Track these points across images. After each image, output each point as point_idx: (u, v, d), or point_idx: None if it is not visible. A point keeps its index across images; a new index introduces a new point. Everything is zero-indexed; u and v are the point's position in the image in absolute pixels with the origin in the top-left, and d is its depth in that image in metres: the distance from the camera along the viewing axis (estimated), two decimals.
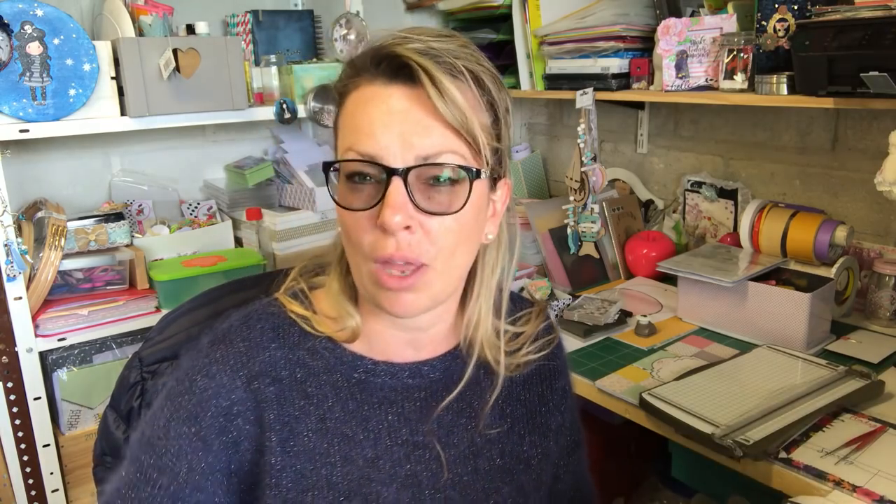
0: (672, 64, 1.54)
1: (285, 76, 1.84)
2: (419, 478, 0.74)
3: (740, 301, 1.43)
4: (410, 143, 0.64)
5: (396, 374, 0.76)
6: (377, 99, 0.66)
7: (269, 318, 0.75)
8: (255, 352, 0.72)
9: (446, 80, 0.65)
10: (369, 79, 0.67)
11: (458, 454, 0.76)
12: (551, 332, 0.85)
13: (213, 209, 1.99)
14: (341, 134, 0.69)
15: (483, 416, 0.78)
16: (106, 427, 0.92)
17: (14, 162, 1.71)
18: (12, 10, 1.41)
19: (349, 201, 0.67)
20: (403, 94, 0.65)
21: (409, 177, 0.64)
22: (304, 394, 0.72)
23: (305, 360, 0.73)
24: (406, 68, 0.65)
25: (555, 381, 0.85)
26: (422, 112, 0.65)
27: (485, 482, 0.77)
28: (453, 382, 0.77)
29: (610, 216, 1.86)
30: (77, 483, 1.64)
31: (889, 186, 1.20)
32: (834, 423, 1.10)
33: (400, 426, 0.75)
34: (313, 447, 0.71)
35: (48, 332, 1.55)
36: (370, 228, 0.66)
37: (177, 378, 0.72)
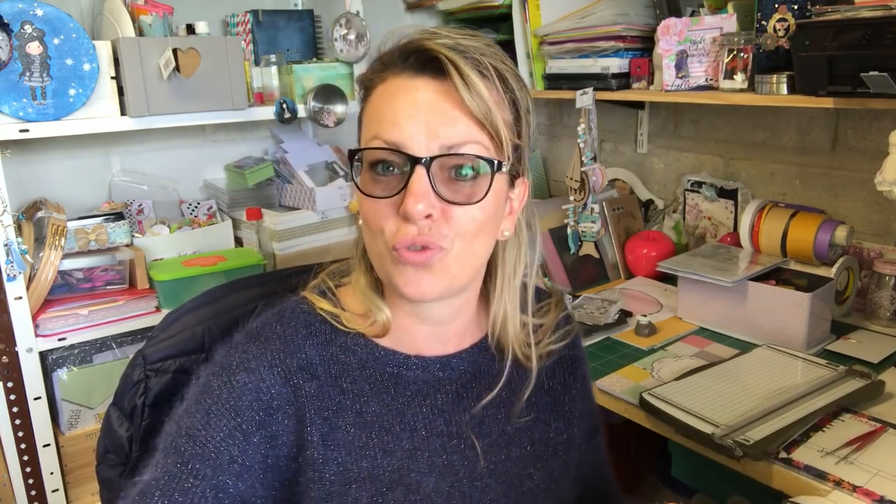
0: (672, 64, 1.54)
1: (285, 76, 1.84)
2: (456, 467, 0.76)
3: (740, 301, 1.43)
4: (436, 132, 0.66)
5: (427, 368, 0.77)
6: (404, 90, 0.68)
7: (302, 315, 0.76)
8: (291, 348, 0.73)
9: (473, 74, 0.66)
10: (396, 72, 0.69)
11: (492, 443, 0.79)
12: (570, 322, 0.88)
13: (213, 209, 1.99)
14: (366, 125, 0.71)
15: (517, 409, 0.80)
16: (109, 425, 0.92)
17: (14, 162, 1.71)
18: (12, 10, 1.41)
19: (372, 189, 0.68)
20: (430, 87, 0.67)
21: (432, 166, 0.66)
22: (340, 389, 0.74)
23: (339, 356, 0.75)
24: (434, 62, 0.67)
25: (576, 370, 0.88)
26: (448, 103, 0.67)
27: (518, 468, 0.79)
28: (482, 374, 0.79)
29: (610, 216, 1.86)
30: (77, 483, 1.64)
31: (889, 186, 1.20)
32: (834, 423, 1.10)
33: (435, 417, 0.76)
34: (353, 441, 0.73)
35: (48, 331, 1.55)
36: (391, 216, 0.68)
37: (212, 372, 0.72)
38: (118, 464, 0.92)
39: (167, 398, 0.91)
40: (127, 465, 0.92)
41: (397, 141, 0.66)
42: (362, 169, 0.70)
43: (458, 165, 0.67)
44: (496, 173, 0.69)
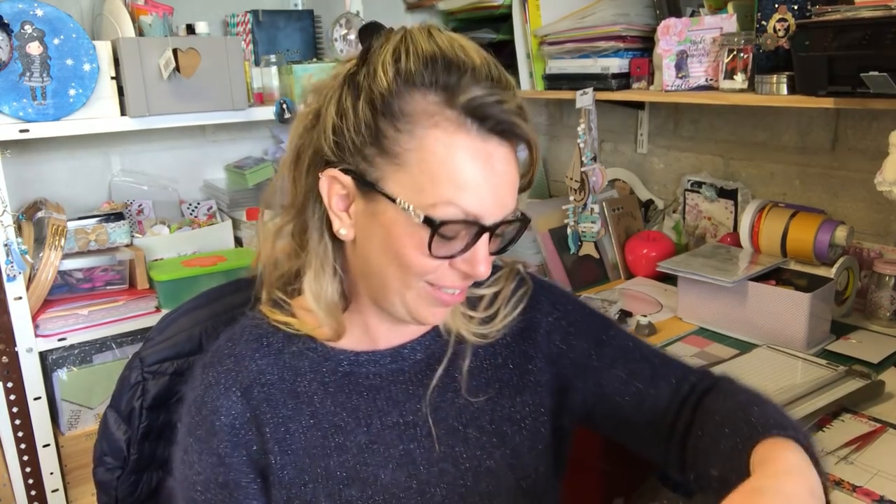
0: (672, 64, 1.54)
1: (285, 76, 1.84)
2: (413, 455, 0.78)
3: (740, 301, 1.43)
4: (505, 203, 0.70)
5: (379, 361, 0.80)
6: (479, 157, 0.67)
7: (253, 330, 0.79)
8: (242, 365, 0.77)
9: (531, 138, 0.70)
10: (460, 124, 0.66)
11: (448, 427, 0.80)
12: (524, 286, 0.86)
13: (213, 209, 1.99)
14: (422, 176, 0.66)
15: (462, 384, 0.81)
16: (106, 428, 0.92)
17: (14, 162, 1.71)
18: (12, 10, 1.41)
19: (438, 250, 0.68)
20: (502, 154, 0.68)
21: (494, 232, 0.70)
22: (294, 394, 0.77)
23: (291, 362, 0.78)
24: (506, 129, 0.68)
25: (536, 333, 0.85)
26: (514, 174, 0.70)
27: (476, 449, 0.80)
28: (436, 361, 0.81)
29: (610, 216, 1.86)
30: (77, 483, 1.64)
31: (889, 186, 1.20)
32: (834, 423, 1.10)
33: (389, 409, 0.78)
34: (309, 442, 0.76)
35: (48, 332, 1.55)
36: (441, 265, 0.70)
37: (186, 411, 0.77)
38: (116, 467, 0.91)
39: (165, 400, 0.91)
40: (125, 468, 0.92)
41: (477, 214, 0.67)
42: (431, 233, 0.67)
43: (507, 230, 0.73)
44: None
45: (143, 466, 0.93)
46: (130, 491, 0.93)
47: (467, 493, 0.78)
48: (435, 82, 0.66)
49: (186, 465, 0.76)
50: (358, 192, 0.70)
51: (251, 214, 1.88)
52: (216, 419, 0.75)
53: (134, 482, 0.93)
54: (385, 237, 0.70)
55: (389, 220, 0.69)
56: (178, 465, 0.77)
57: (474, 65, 0.67)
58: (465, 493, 0.78)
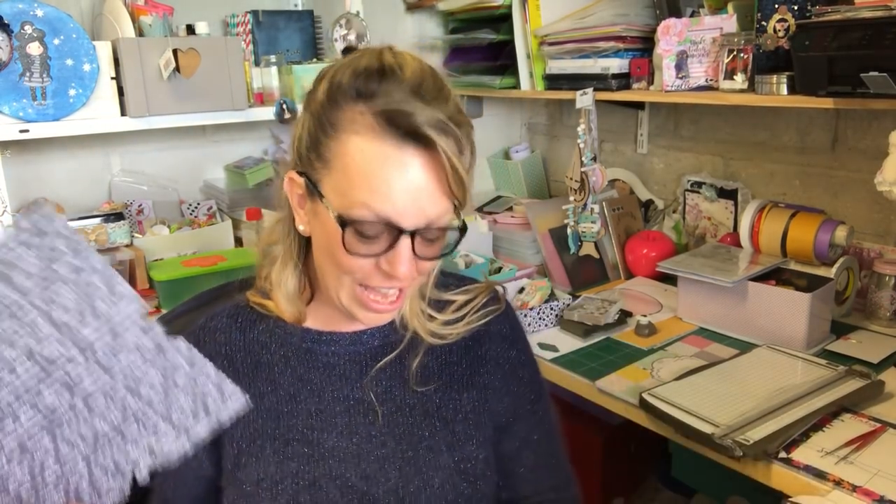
0: (672, 64, 1.54)
1: (285, 76, 1.84)
2: (356, 427, 0.85)
3: (740, 301, 1.43)
4: (424, 211, 0.73)
5: (339, 342, 0.87)
6: (393, 163, 0.72)
7: (233, 309, 0.89)
8: (210, 337, 0.86)
9: (455, 157, 0.72)
10: (378, 132, 0.72)
11: (395, 407, 0.86)
12: (496, 303, 0.93)
13: (213, 209, 1.99)
14: (344, 179, 0.74)
15: (412, 374, 0.87)
16: None
17: (14, 162, 1.71)
18: (12, 10, 1.41)
19: (357, 249, 0.74)
20: (418, 163, 0.72)
21: (416, 237, 0.74)
22: (256, 364, 0.86)
23: (259, 337, 0.87)
24: (420, 137, 0.71)
25: (489, 347, 0.91)
26: (435, 184, 0.73)
27: (418, 429, 0.86)
28: (391, 349, 0.88)
29: (610, 216, 1.86)
30: None
31: (889, 186, 1.20)
32: (834, 423, 1.10)
33: (341, 385, 0.86)
34: (264, 407, 0.84)
35: None
36: (366, 265, 0.76)
37: None
38: None
39: None
40: None
41: (390, 217, 0.72)
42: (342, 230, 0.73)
43: (435, 237, 0.76)
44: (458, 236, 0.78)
45: None
46: None
47: (404, 465, 0.84)
48: (360, 91, 0.73)
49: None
50: (307, 192, 0.79)
51: (251, 214, 1.88)
52: None
53: None
54: (323, 234, 0.78)
55: (324, 219, 0.76)
56: None
57: (403, 76, 0.73)
58: (401, 465, 0.83)
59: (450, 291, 0.92)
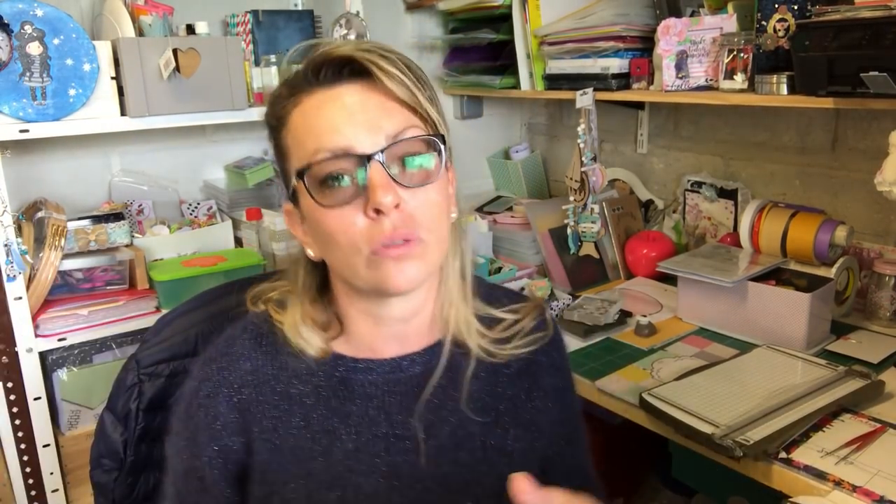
0: (672, 64, 1.54)
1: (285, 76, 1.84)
2: (398, 469, 0.77)
3: (740, 301, 1.43)
4: (378, 125, 0.68)
5: (376, 370, 0.78)
6: (328, 101, 0.70)
7: (254, 329, 0.80)
8: (235, 364, 0.77)
9: (387, 65, 0.69)
10: (308, 91, 0.71)
11: (439, 446, 0.78)
12: (544, 329, 0.86)
13: (213, 209, 1.99)
14: (298, 147, 0.71)
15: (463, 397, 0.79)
16: (103, 429, 0.92)
17: (14, 162, 1.71)
18: (12, 10, 1.41)
19: (330, 198, 0.69)
20: (353, 90, 0.70)
21: (385, 159, 0.68)
22: (287, 395, 0.77)
23: (288, 363, 0.77)
24: (346, 68, 0.69)
25: (543, 378, 0.85)
26: (378, 98, 0.69)
27: (466, 474, 0.79)
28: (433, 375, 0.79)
29: (610, 216, 1.86)
30: (77, 483, 1.64)
31: (889, 186, 1.20)
32: (834, 423, 1.10)
33: (380, 420, 0.77)
34: (296, 443, 0.76)
35: (48, 332, 1.55)
36: (357, 221, 0.69)
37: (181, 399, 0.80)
38: (112, 468, 0.92)
39: (161, 402, 0.91)
40: (122, 469, 0.92)
41: (344, 145, 0.68)
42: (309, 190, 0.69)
43: (407, 152, 0.70)
44: (441, 151, 0.72)
45: (139, 468, 0.93)
46: (127, 493, 0.93)
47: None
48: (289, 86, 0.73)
49: (174, 450, 0.79)
50: (296, 209, 0.75)
51: (251, 214, 1.88)
52: (202, 416, 0.76)
53: (131, 484, 0.93)
54: (314, 226, 0.72)
55: (305, 208, 0.72)
56: (168, 446, 0.80)
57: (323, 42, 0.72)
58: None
59: (499, 309, 0.84)
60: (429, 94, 0.73)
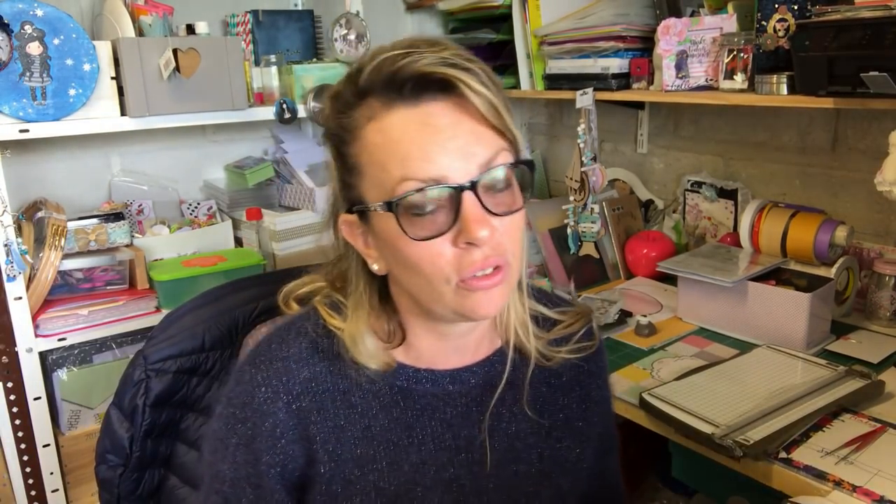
0: (672, 64, 1.54)
1: (285, 76, 1.84)
2: (462, 482, 0.76)
3: (740, 301, 1.43)
4: (471, 152, 0.64)
5: (437, 381, 0.77)
6: (414, 122, 0.64)
7: (307, 332, 0.75)
8: (294, 370, 0.73)
9: (477, 84, 0.64)
10: (386, 104, 0.65)
11: (499, 458, 0.78)
12: (592, 338, 0.85)
13: (213, 209, 1.99)
14: (375, 170, 0.66)
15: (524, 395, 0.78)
16: (109, 425, 0.92)
17: (14, 162, 1.71)
18: (12, 10, 1.41)
19: (419, 230, 0.65)
20: (442, 109, 0.64)
21: (478, 189, 0.64)
22: (348, 404, 0.74)
23: (348, 371, 0.74)
24: (433, 84, 0.64)
25: (592, 389, 0.86)
26: (469, 122, 0.65)
27: (525, 485, 0.79)
28: (494, 387, 0.78)
29: (610, 216, 1.86)
30: (77, 483, 1.64)
31: (889, 186, 1.20)
32: (834, 423, 1.10)
33: (443, 431, 0.76)
34: (360, 454, 0.74)
35: (48, 332, 1.55)
36: (446, 249, 0.66)
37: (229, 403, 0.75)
38: (118, 464, 0.92)
39: (168, 398, 0.91)
40: (127, 465, 0.92)
41: (436, 176, 0.63)
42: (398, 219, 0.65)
43: (497, 180, 0.66)
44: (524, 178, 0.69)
45: (145, 464, 0.93)
46: (132, 489, 0.93)
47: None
48: (356, 89, 0.67)
49: (220, 456, 0.74)
50: (361, 223, 0.70)
51: (251, 214, 1.88)
52: (261, 423, 0.72)
53: (136, 480, 0.93)
54: (392, 250, 0.68)
55: (383, 231, 0.67)
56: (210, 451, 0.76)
57: (389, 48, 0.66)
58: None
59: (550, 309, 0.83)
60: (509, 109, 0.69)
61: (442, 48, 0.66)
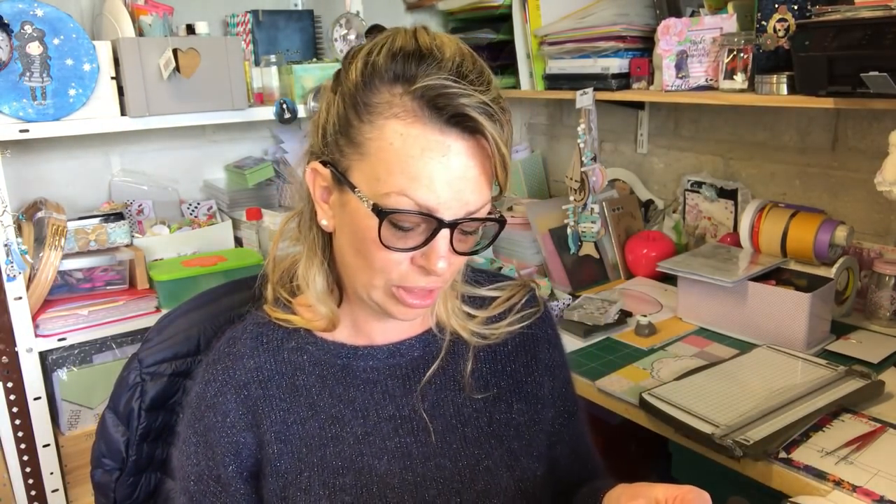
0: (672, 64, 1.54)
1: (285, 76, 1.84)
2: (409, 449, 0.79)
3: (740, 301, 1.43)
4: (466, 200, 0.68)
5: (376, 356, 0.81)
6: (436, 149, 0.66)
7: (255, 328, 0.81)
8: (239, 363, 0.79)
9: (500, 141, 0.67)
10: (419, 115, 0.66)
11: (446, 424, 0.81)
12: (534, 305, 0.88)
13: (213, 209, 1.99)
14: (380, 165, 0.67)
15: (467, 382, 0.82)
16: (104, 429, 0.91)
17: (14, 162, 1.71)
18: (12, 10, 1.41)
19: (392, 241, 0.68)
20: (461, 148, 0.67)
21: (455, 229, 0.69)
22: (292, 387, 0.79)
23: (290, 357, 0.80)
24: (467, 122, 0.66)
25: (539, 352, 0.88)
26: (478, 170, 0.68)
27: (474, 448, 0.81)
28: (433, 358, 0.82)
29: (610, 216, 1.86)
30: (77, 483, 1.64)
31: (889, 186, 1.20)
32: (834, 423, 1.10)
33: (386, 403, 0.80)
34: (306, 433, 0.78)
35: (48, 332, 1.55)
36: (402, 262, 0.70)
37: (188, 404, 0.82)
38: (114, 468, 0.91)
39: (163, 402, 0.91)
40: (123, 469, 0.91)
41: (431, 207, 0.67)
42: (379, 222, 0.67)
43: (473, 228, 0.71)
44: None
45: (141, 468, 0.92)
46: (129, 493, 0.93)
47: (463, 490, 0.78)
48: (398, 74, 0.67)
49: (184, 456, 0.80)
50: (334, 183, 0.73)
51: (251, 214, 1.88)
52: (212, 415, 0.78)
53: (132, 484, 0.92)
54: (352, 228, 0.71)
55: (354, 211, 0.70)
56: (177, 454, 0.81)
57: (443, 56, 0.67)
58: (460, 489, 0.78)
59: (484, 287, 0.86)
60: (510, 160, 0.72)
61: (484, 89, 0.67)
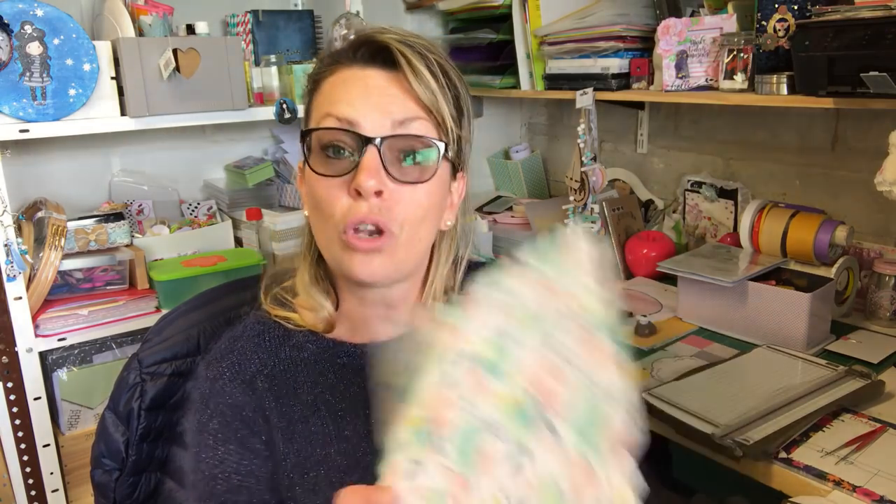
0: (672, 64, 1.53)
1: (285, 76, 1.84)
2: None
3: (740, 301, 1.43)
4: (388, 110, 0.71)
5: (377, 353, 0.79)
6: (355, 78, 0.73)
7: (255, 326, 0.81)
8: (244, 358, 0.78)
9: (420, 65, 0.71)
10: (346, 64, 0.74)
11: None
12: None
13: (213, 209, 1.99)
14: (316, 109, 0.75)
15: None
16: (104, 429, 0.91)
17: (14, 162, 1.71)
18: (12, 10, 1.41)
19: (323, 166, 0.72)
20: (380, 75, 0.72)
21: (383, 147, 0.70)
22: (295, 385, 0.78)
23: (291, 355, 0.80)
24: (383, 53, 0.72)
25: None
26: (398, 89, 0.72)
27: None
28: None
29: (610, 216, 1.86)
30: (77, 483, 1.64)
31: (889, 186, 1.20)
32: (834, 423, 1.10)
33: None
34: (310, 431, 0.77)
35: (48, 332, 1.55)
36: (342, 196, 0.71)
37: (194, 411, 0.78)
38: (114, 468, 0.91)
39: (163, 402, 0.91)
40: (123, 469, 0.91)
41: (350, 118, 0.70)
42: (313, 151, 0.73)
43: (407, 149, 0.71)
44: (441, 158, 0.73)
45: (141, 468, 0.93)
46: (129, 493, 0.93)
47: None
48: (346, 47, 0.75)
49: (203, 463, 0.76)
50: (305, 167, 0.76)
51: (251, 214, 1.88)
52: (226, 408, 0.76)
53: (132, 484, 0.93)
54: (308, 189, 0.75)
55: (307, 171, 0.74)
56: (193, 466, 0.77)
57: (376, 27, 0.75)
58: None
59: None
60: (456, 108, 0.75)
61: (414, 36, 0.74)
